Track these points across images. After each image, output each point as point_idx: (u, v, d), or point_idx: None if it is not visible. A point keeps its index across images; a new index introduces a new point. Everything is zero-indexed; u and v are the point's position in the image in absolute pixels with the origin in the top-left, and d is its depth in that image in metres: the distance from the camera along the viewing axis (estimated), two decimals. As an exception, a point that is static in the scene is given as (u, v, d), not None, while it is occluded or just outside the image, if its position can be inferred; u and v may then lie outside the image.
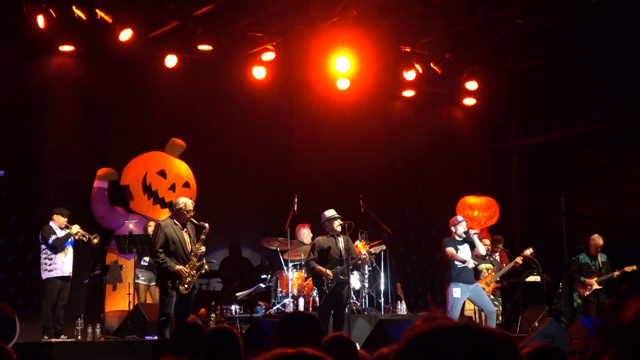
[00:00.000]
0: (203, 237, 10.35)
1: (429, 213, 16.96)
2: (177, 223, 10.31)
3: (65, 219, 11.99)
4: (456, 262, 11.41)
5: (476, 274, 12.36)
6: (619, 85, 15.12)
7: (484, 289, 12.26)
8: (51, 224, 11.97)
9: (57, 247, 11.83)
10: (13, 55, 13.26)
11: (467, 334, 1.75)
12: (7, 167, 13.02)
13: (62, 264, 11.86)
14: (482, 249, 11.80)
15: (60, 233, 11.92)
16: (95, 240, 12.12)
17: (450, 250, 11.43)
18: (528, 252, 13.33)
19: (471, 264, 11.55)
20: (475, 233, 11.72)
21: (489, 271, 13.30)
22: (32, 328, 12.07)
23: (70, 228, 11.94)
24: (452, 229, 11.63)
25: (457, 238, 11.52)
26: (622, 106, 15.26)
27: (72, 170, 13.71)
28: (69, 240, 11.94)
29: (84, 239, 12.10)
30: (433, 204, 16.96)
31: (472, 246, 11.55)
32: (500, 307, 13.76)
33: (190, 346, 4.33)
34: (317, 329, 3.76)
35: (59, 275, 11.82)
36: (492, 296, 12.96)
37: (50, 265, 11.81)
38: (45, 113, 13.66)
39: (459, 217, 12.09)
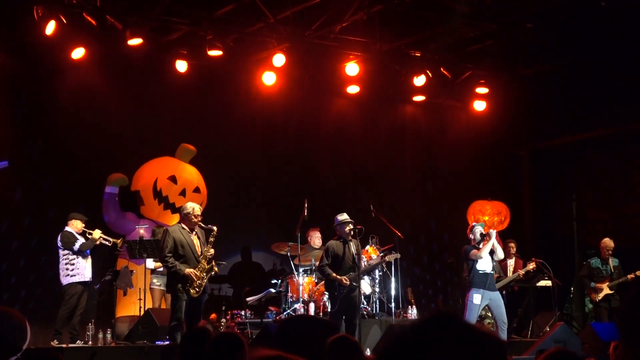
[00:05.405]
0: (212, 239, 10.40)
1: (440, 216, 16.95)
2: (186, 227, 10.35)
3: (83, 225, 12.07)
4: (477, 268, 11.44)
5: None
6: (629, 90, 15.07)
7: None
8: (69, 229, 12.01)
9: (83, 252, 11.89)
10: (23, 61, 13.32)
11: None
12: (19, 168, 13.08)
13: (83, 269, 11.94)
14: (500, 253, 11.81)
15: (81, 238, 11.98)
16: (120, 244, 12.23)
17: (474, 251, 11.46)
18: (531, 266, 13.37)
19: (490, 269, 11.57)
20: (495, 232, 11.78)
21: None
22: (43, 332, 12.13)
23: (92, 233, 12.00)
24: (471, 236, 11.71)
25: (477, 246, 11.57)
26: (633, 110, 15.20)
27: (83, 175, 13.74)
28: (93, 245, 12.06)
29: (108, 243, 12.18)
30: (444, 208, 16.95)
31: (492, 252, 11.58)
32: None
33: (199, 352, 4.34)
34: (318, 331, 3.75)
35: (81, 280, 11.90)
36: None
37: (72, 270, 11.87)
38: (55, 118, 13.70)
39: (474, 223, 12.15)
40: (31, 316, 12.46)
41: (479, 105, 16.45)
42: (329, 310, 12.67)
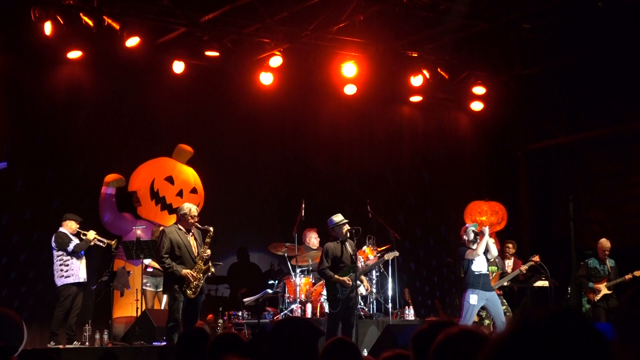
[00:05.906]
0: (208, 240, 10.35)
1: (438, 216, 16.94)
2: (182, 228, 10.31)
3: (78, 226, 12.05)
4: (473, 269, 11.43)
5: None
6: (627, 90, 15.07)
7: None
8: (63, 230, 11.99)
9: (77, 253, 11.88)
10: (21, 61, 13.31)
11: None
12: (19, 167, 13.06)
13: (78, 270, 11.92)
14: (494, 251, 11.83)
15: (75, 239, 11.96)
16: (115, 245, 12.23)
17: (469, 251, 11.46)
18: (535, 259, 13.36)
19: (485, 270, 11.56)
20: (487, 229, 11.79)
21: (494, 274, 12.96)
22: (42, 331, 12.12)
23: (86, 234, 11.99)
24: (465, 237, 11.70)
25: (471, 246, 11.55)
26: (630, 110, 15.21)
27: (82, 175, 13.72)
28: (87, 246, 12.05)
29: (102, 244, 12.17)
30: (441, 208, 16.94)
31: (486, 251, 11.57)
32: (510, 312, 13.58)
33: (196, 352, 4.33)
34: (310, 333, 3.74)
35: (75, 281, 11.89)
36: None
37: (66, 271, 11.85)
38: (53, 118, 13.67)
39: (467, 225, 12.16)
40: (30, 313, 12.47)
41: (476, 106, 16.46)
42: (326, 311, 12.66)
